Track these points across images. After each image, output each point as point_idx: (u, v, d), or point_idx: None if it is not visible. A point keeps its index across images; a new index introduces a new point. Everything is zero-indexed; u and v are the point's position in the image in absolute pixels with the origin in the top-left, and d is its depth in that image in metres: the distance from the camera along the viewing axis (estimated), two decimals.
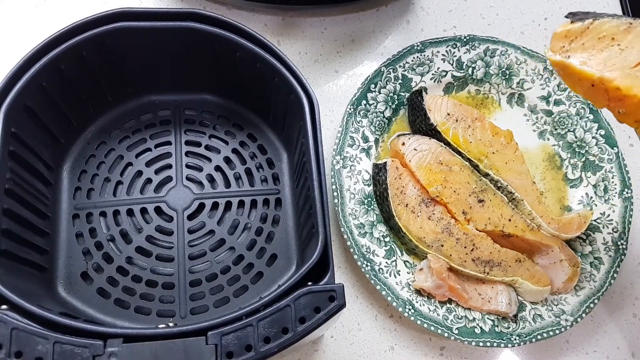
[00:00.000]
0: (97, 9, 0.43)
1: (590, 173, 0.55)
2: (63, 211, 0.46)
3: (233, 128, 0.51)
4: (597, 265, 0.52)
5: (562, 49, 0.37)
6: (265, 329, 0.33)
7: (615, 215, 0.53)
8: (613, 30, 0.35)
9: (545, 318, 0.50)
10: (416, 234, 0.50)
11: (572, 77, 0.37)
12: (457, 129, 0.53)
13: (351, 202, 0.51)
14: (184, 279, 0.45)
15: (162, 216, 0.47)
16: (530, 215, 0.52)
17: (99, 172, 0.48)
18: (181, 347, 0.32)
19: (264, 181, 0.50)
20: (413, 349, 0.51)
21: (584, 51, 0.36)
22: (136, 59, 0.46)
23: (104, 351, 0.32)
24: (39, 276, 0.42)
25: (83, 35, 0.42)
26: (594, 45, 0.36)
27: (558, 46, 0.37)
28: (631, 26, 0.35)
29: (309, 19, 0.61)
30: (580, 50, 0.36)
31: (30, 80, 0.40)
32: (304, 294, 0.34)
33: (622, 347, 0.53)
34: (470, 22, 0.63)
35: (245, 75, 0.47)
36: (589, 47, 0.36)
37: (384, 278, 0.49)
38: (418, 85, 0.56)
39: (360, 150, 0.53)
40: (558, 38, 0.37)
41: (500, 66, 0.58)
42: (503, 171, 0.52)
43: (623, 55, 0.35)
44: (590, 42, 0.36)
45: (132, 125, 0.50)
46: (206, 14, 0.44)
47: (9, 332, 0.31)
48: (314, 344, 0.50)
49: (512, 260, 0.50)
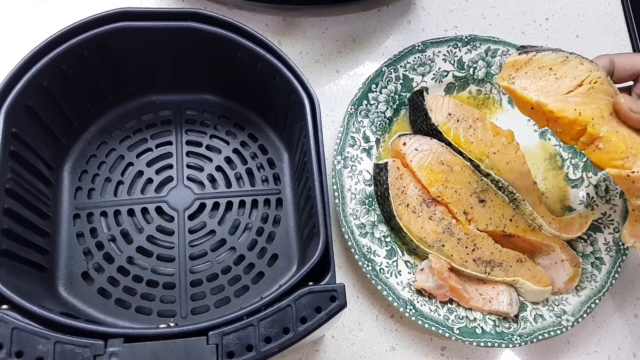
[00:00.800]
0: (98, 9, 0.43)
1: (591, 173, 0.55)
2: (64, 211, 0.46)
3: (234, 128, 0.51)
4: (598, 266, 0.52)
5: (509, 76, 0.42)
6: (266, 328, 0.33)
7: (616, 216, 0.53)
8: (552, 62, 0.41)
9: (546, 318, 0.50)
10: (417, 234, 0.50)
11: (517, 100, 0.42)
12: (458, 129, 0.53)
13: (352, 202, 0.51)
14: (184, 279, 0.45)
15: (163, 216, 0.47)
16: (532, 216, 0.52)
17: (99, 172, 0.48)
18: (182, 347, 0.32)
19: (264, 181, 0.50)
20: (414, 349, 0.51)
21: (526, 79, 0.41)
22: (137, 59, 0.46)
23: (104, 351, 0.32)
24: (40, 276, 0.42)
25: (84, 35, 0.42)
26: (535, 74, 0.41)
27: (507, 74, 0.42)
28: (567, 59, 0.41)
29: (310, 19, 0.61)
30: (524, 77, 0.41)
31: (31, 80, 0.40)
32: (305, 293, 0.34)
33: (624, 348, 0.53)
34: (472, 22, 0.63)
35: (246, 75, 0.47)
36: (531, 75, 0.41)
37: (385, 278, 0.49)
38: (419, 85, 0.56)
39: (361, 150, 0.53)
40: (507, 67, 0.42)
41: (501, 66, 0.57)
42: (504, 171, 0.52)
43: (557, 84, 0.40)
44: (532, 72, 0.41)
45: (133, 125, 0.50)
46: (207, 14, 0.44)
47: (9, 332, 0.31)
48: (315, 344, 0.50)
49: (513, 260, 0.50)
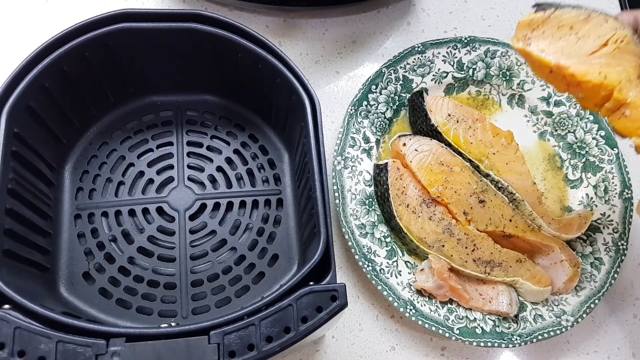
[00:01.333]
0: (99, 10, 0.43)
1: (590, 174, 0.56)
2: (65, 211, 0.46)
3: (234, 129, 0.51)
4: (597, 266, 0.52)
5: (525, 37, 0.38)
6: (267, 328, 0.33)
7: (615, 216, 0.54)
8: (572, 20, 0.37)
9: (546, 318, 0.50)
10: (417, 234, 0.50)
11: (534, 64, 0.39)
12: (458, 130, 0.53)
13: (352, 203, 0.51)
14: (185, 279, 0.45)
15: (164, 216, 0.47)
16: (531, 216, 0.52)
17: (100, 172, 0.48)
18: (184, 346, 0.32)
19: (265, 182, 0.50)
20: (414, 349, 0.51)
21: (544, 39, 0.37)
22: (138, 60, 0.46)
23: (106, 350, 0.32)
24: (41, 276, 0.42)
25: (86, 36, 0.42)
26: (554, 34, 0.37)
27: (521, 34, 0.38)
28: (589, 17, 0.37)
29: (310, 20, 0.61)
30: (541, 38, 0.37)
31: (32, 81, 0.40)
32: (306, 293, 0.34)
33: (623, 348, 0.53)
34: (471, 23, 0.63)
35: (247, 76, 0.47)
36: (549, 35, 0.37)
37: (385, 278, 0.49)
38: (419, 86, 0.57)
39: (361, 151, 0.53)
40: (522, 27, 0.39)
41: (500, 67, 0.58)
42: (504, 172, 0.52)
43: (579, 44, 0.36)
44: (550, 31, 0.37)
45: (134, 125, 0.50)
46: (208, 15, 0.44)
47: (12, 332, 0.31)
48: (315, 344, 0.50)
49: (512, 260, 0.50)
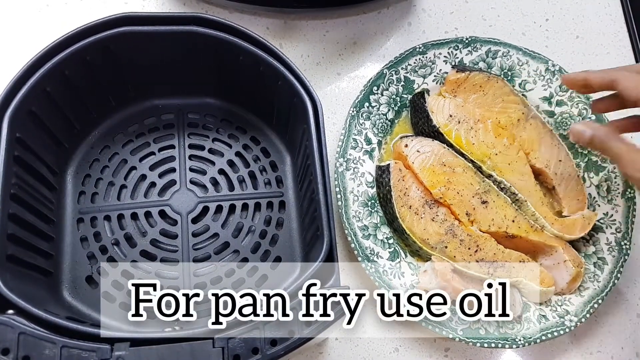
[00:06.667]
0: (100, 14, 0.43)
1: (593, 173, 0.55)
2: (68, 215, 0.46)
3: (236, 131, 0.51)
4: (600, 266, 0.52)
5: (452, 90, 0.55)
6: (271, 331, 0.33)
7: (618, 216, 0.53)
8: (480, 80, 0.55)
9: (549, 319, 0.50)
10: (420, 235, 0.50)
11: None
12: (460, 131, 0.53)
13: (355, 204, 0.51)
14: (188, 282, 0.45)
15: (167, 220, 0.47)
16: (534, 216, 0.52)
17: (103, 176, 0.48)
18: (188, 350, 0.32)
19: (267, 184, 0.50)
20: (418, 350, 0.51)
21: (464, 93, 0.55)
22: (139, 63, 0.46)
23: (111, 355, 0.32)
24: (44, 280, 0.42)
25: (87, 40, 0.42)
26: (470, 89, 0.55)
27: (450, 88, 0.55)
28: (489, 78, 0.54)
29: (311, 22, 0.61)
30: (462, 92, 0.55)
31: (34, 85, 0.40)
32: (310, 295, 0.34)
33: (627, 347, 0.53)
34: (472, 23, 0.63)
35: (248, 79, 0.47)
36: (468, 90, 0.55)
37: (389, 280, 0.49)
38: (420, 87, 0.57)
39: (363, 152, 0.53)
40: (450, 83, 0.55)
41: (502, 67, 0.58)
42: (506, 172, 0.52)
43: (485, 97, 0.55)
44: (469, 87, 0.55)
45: (136, 129, 0.50)
46: (209, 18, 0.44)
47: (16, 337, 0.31)
48: (319, 346, 0.50)
49: (516, 261, 0.50)
